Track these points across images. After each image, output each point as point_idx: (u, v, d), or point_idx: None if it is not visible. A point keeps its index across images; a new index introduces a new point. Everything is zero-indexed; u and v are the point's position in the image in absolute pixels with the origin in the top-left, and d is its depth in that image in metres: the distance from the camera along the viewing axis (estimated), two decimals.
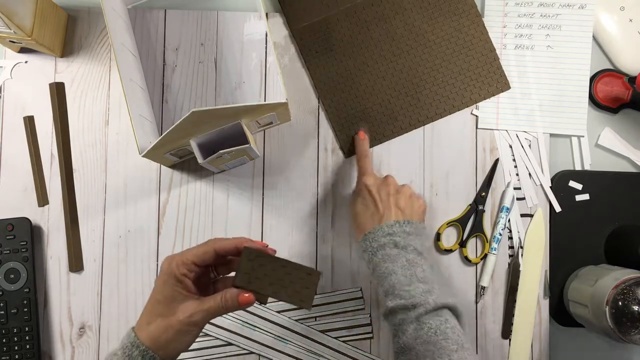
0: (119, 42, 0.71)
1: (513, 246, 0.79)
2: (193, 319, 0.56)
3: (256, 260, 0.57)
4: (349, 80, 0.80)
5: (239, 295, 0.56)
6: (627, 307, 0.67)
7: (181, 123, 0.61)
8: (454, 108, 0.80)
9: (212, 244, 0.58)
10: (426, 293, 0.62)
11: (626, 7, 0.81)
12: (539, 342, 0.78)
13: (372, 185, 0.70)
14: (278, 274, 0.57)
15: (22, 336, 0.74)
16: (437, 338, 0.59)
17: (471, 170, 0.80)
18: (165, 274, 0.58)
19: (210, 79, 0.80)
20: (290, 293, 0.57)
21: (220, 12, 0.81)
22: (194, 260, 0.57)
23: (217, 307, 0.56)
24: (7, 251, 0.75)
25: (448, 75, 0.80)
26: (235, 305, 0.56)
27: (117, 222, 0.78)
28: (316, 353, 0.77)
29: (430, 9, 0.81)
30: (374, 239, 0.67)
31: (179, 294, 0.57)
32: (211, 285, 0.63)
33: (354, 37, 0.80)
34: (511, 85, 0.81)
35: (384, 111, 0.80)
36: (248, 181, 0.79)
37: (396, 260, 0.64)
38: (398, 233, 0.66)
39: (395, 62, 0.80)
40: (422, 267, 0.65)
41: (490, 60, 0.81)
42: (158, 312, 0.57)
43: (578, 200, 0.80)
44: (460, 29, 0.81)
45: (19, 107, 0.78)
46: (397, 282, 0.63)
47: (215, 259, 0.59)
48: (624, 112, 0.82)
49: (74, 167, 0.78)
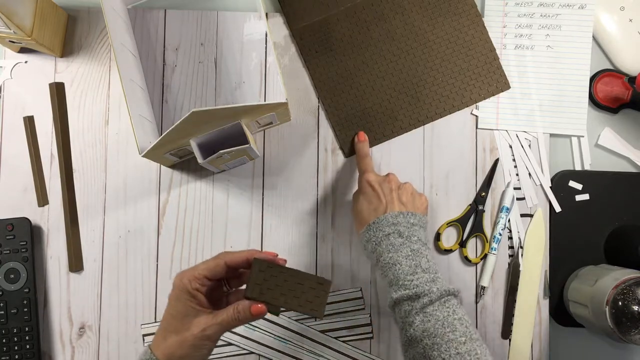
0: (118, 42, 0.71)
1: (513, 246, 0.79)
2: (207, 333, 0.57)
3: (267, 271, 0.57)
4: (349, 80, 0.80)
5: (251, 306, 0.56)
6: (627, 307, 0.67)
7: (181, 123, 0.61)
8: (453, 108, 0.80)
9: (222, 257, 0.59)
10: (430, 282, 0.62)
11: (626, 7, 0.81)
12: (539, 342, 0.78)
13: (374, 181, 0.70)
14: (289, 284, 0.57)
15: (22, 336, 0.74)
16: (444, 330, 0.59)
17: (471, 170, 0.80)
18: (178, 290, 0.58)
19: (210, 79, 0.80)
20: (302, 303, 0.57)
21: (220, 12, 0.81)
22: (205, 275, 0.58)
23: (230, 320, 0.57)
24: (7, 251, 0.75)
25: (448, 75, 0.80)
26: (248, 317, 0.56)
27: (117, 222, 0.78)
28: (316, 353, 0.77)
29: (430, 8, 0.81)
30: (379, 228, 0.67)
31: (192, 309, 0.57)
32: (224, 299, 0.63)
33: (354, 37, 0.80)
34: (511, 85, 0.81)
35: (384, 111, 0.80)
36: (248, 181, 0.79)
37: (400, 250, 0.64)
38: (402, 223, 0.66)
39: (395, 62, 0.80)
40: (427, 257, 0.65)
41: (490, 60, 0.81)
42: (172, 328, 0.57)
43: (578, 200, 0.80)
44: (460, 29, 0.81)
45: (19, 107, 0.78)
46: (401, 272, 0.63)
47: (227, 272, 0.59)
48: (624, 112, 0.82)
49: (74, 167, 0.78)
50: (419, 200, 0.70)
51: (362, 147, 0.76)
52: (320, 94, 0.80)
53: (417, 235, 0.66)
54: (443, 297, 0.61)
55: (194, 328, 0.57)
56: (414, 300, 0.61)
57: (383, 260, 0.65)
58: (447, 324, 0.59)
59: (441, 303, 0.61)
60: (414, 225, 0.67)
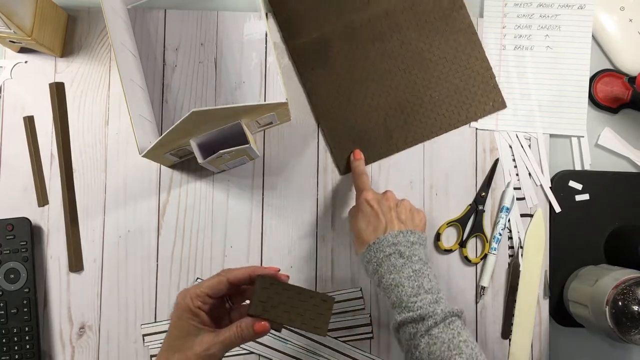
0: (118, 42, 0.71)
1: (513, 246, 0.79)
2: (210, 352, 0.56)
3: (270, 289, 0.56)
4: (345, 98, 0.80)
5: (254, 324, 0.56)
6: (627, 307, 0.67)
7: (181, 123, 0.61)
8: (450, 126, 0.80)
9: (225, 274, 0.58)
10: (434, 304, 0.62)
11: (626, 7, 0.81)
12: (539, 342, 0.78)
13: (372, 199, 0.70)
14: (293, 301, 0.57)
15: (22, 336, 0.74)
16: (450, 353, 0.59)
17: (471, 170, 0.80)
18: (180, 309, 0.58)
19: (210, 79, 0.80)
20: (305, 320, 0.57)
21: (220, 12, 0.81)
22: (207, 293, 0.57)
23: (233, 338, 0.56)
24: (7, 251, 0.75)
25: (444, 94, 0.80)
26: (251, 335, 0.56)
27: (117, 222, 0.78)
28: (316, 353, 0.77)
29: (427, 27, 0.81)
30: (379, 249, 0.66)
31: (195, 327, 0.57)
32: (227, 316, 0.62)
33: (350, 55, 0.80)
34: (511, 85, 0.81)
35: (380, 129, 0.80)
36: (248, 181, 0.79)
37: (402, 271, 0.64)
38: (403, 242, 0.66)
39: (392, 80, 0.80)
40: (429, 277, 0.64)
41: (487, 79, 0.80)
42: (176, 348, 0.57)
43: (578, 200, 0.80)
44: (457, 48, 0.80)
45: (19, 107, 0.78)
46: (404, 294, 0.63)
47: (229, 289, 0.59)
48: (624, 112, 0.82)
49: (74, 167, 0.78)
50: (418, 217, 0.70)
51: (359, 165, 0.76)
52: (315, 111, 0.80)
53: (418, 255, 0.66)
54: (447, 319, 0.61)
55: (197, 347, 0.56)
56: (418, 322, 0.61)
57: (385, 282, 0.65)
58: (453, 346, 0.59)
59: (446, 325, 0.61)
60: (414, 244, 0.67)
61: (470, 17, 0.81)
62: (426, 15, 0.80)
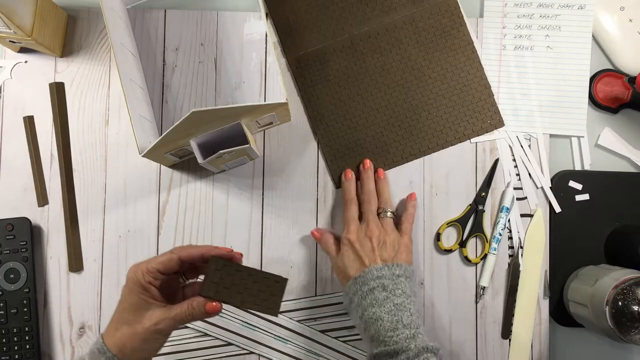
0: (118, 42, 0.71)
1: (513, 246, 0.79)
2: (159, 327, 0.57)
3: (224, 270, 0.57)
4: (343, 111, 0.80)
5: (206, 304, 0.57)
6: (627, 307, 0.67)
7: (181, 123, 0.61)
8: (447, 143, 0.80)
9: (177, 251, 0.59)
10: (410, 339, 0.62)
11: (626, 7, 0.81)
12: (539, 342, 0.78)
13: (355, 241, 0.71)
14: (246, 282, 0.58)
15: (22, 336, 0.74)
16: None
17: (471, 170, 0.80)
18: (131, 282, 0.58)
19: (210, 79, 0.80)
20: (257, 301, 0.58)
21: (220, 12, 0.81)
22: (158, 268, 0.58)
23: (184, 315, 0.57)
24: (7, 251, 0.75)
25: (442, 110, 0.80)
26: (202, 314, 0.57)
27: (117, 222, 0.78)
28: (316, 353, 0.77)
29: (427, 43, 0.81)
30: (364, 282, 0.67)
31: (145, 301, 0.58)
32: (180, 291, 0.63)
33: (349, 68, 0.80)
34: (511, 85, 0.81)
35: (377, 143, 0.80)
36: (248, 181, 0.79)
37: (383, 305, 0.64)
38: (387, 276, 0.67)
39: (390, 94, 0.80)
40: (410, 311, 0.65)
41: (485, 97, 0.80)
42: (125, 320, 0.58)
43: (578, 200, 0.80)
44: (456, 65, 0.80)
45: (18, 107, 0.78)
46: (382, 329, 0.63)
47: (181, 266, 0.59)
48: (624, 112, 0.82)
49: (73, 167, 0.78)
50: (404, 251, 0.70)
51: (348, 188, 0.76)
52: (313, 123, 0.80)
53: (402, 288, 0.66)
54: (421, 355, 0.61)
55: (146, 321, 0.57)
56: (392, 356, 0.61)
57: (367, 315, 0.65)
58: None
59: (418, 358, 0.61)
60: (399, 277, 0.67)
61: (470, 35, 0.81)
62: (426, 32, 0.80)
